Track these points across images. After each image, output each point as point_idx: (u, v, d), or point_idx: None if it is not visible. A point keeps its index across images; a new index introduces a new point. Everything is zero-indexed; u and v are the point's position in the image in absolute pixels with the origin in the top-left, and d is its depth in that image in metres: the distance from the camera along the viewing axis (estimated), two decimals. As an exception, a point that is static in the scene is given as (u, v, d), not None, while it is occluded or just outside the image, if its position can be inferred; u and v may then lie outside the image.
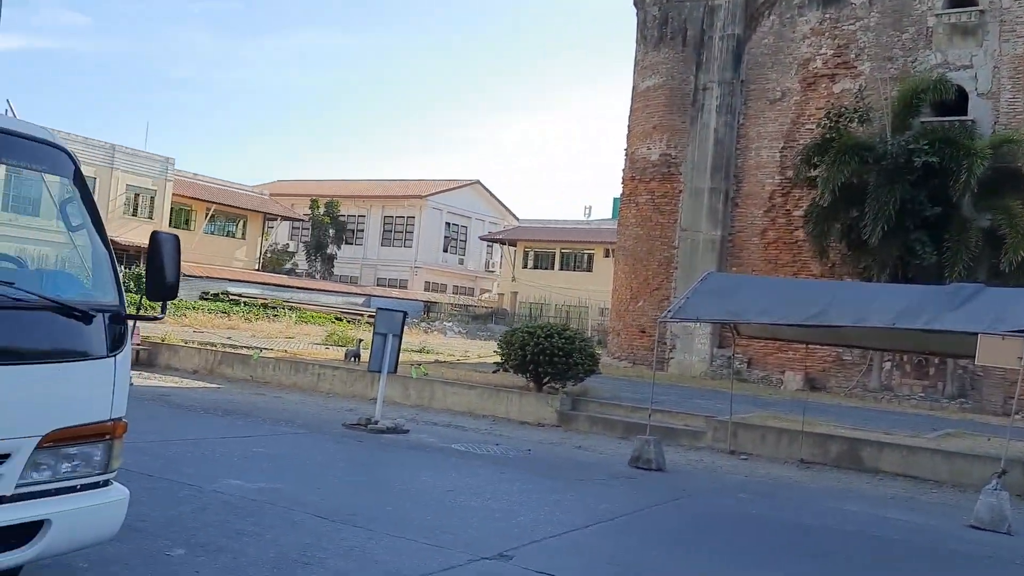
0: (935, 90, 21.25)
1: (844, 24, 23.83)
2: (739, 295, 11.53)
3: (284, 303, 41.90)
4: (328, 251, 54.60)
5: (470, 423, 14.07)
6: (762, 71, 25.10)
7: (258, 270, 48.73)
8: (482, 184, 62.46)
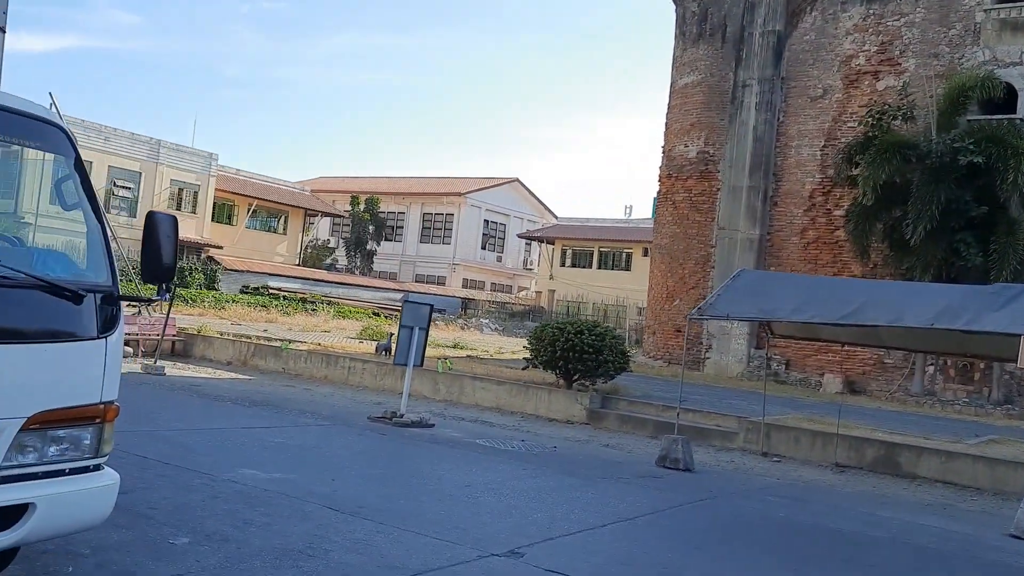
0: (983, 87, 20.61)
1: (888, 20, 23.24)
2: (772, 293, 11.23)
3: (323, 298, 42.18)
4: (368, 247, 54.83)
5: (498, 419, 13.95)
6: (803, 68, 24.60)
7: (298, 265, 49.10)
8: (521, 182, 62.31)
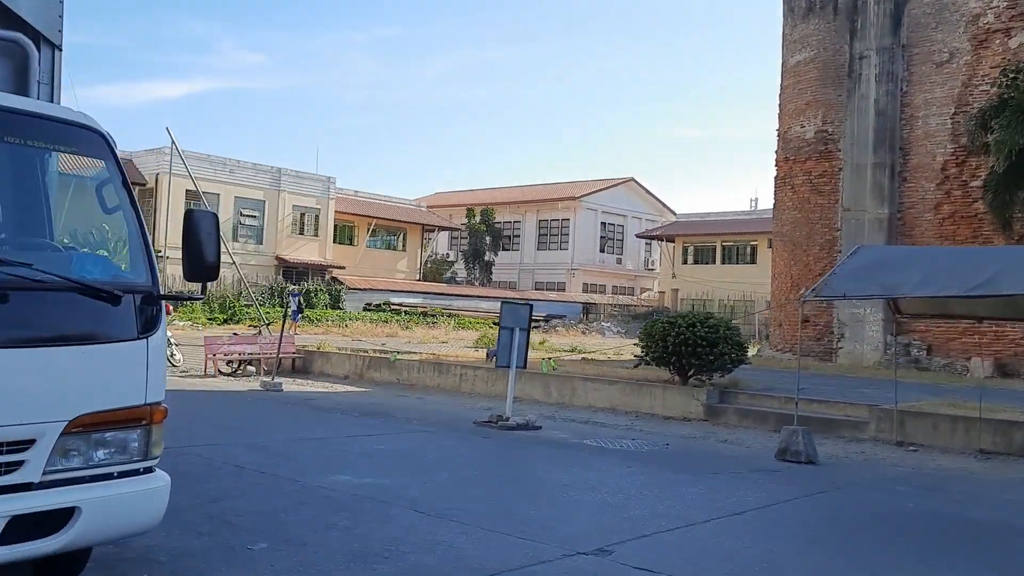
0: None
1: (1018, -30, 21.47)
2: (894, 267, 10.40)
3: (443, 310, 42.81)
4: (486, 258, 55.32)
5: (610, 419, 13.56)
6: (925, 32, 23.03)
7: (419, 280, 50.05)
8: (636, 181, 61.42)
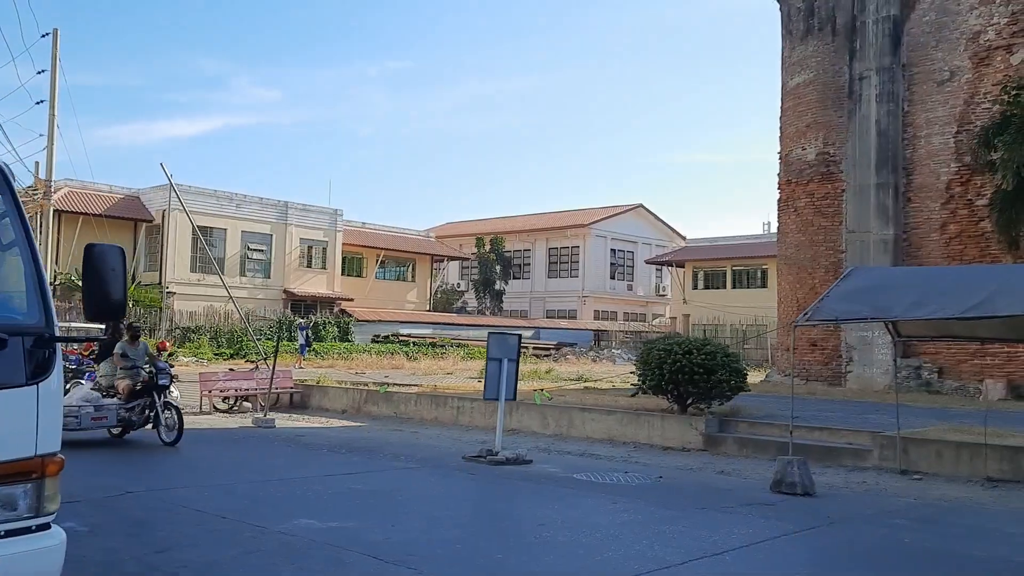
0: None
1: (1017, -14, 21.21)
2: (887, 289, 10.05)
3: (452, 340, 42.51)
4: (496, 287, 55.12)
5: (607, 451, 13.19)
6: (925, 51, 22.76)
7: (429, 310, 49.85)
8: (645, 207, 61.20)
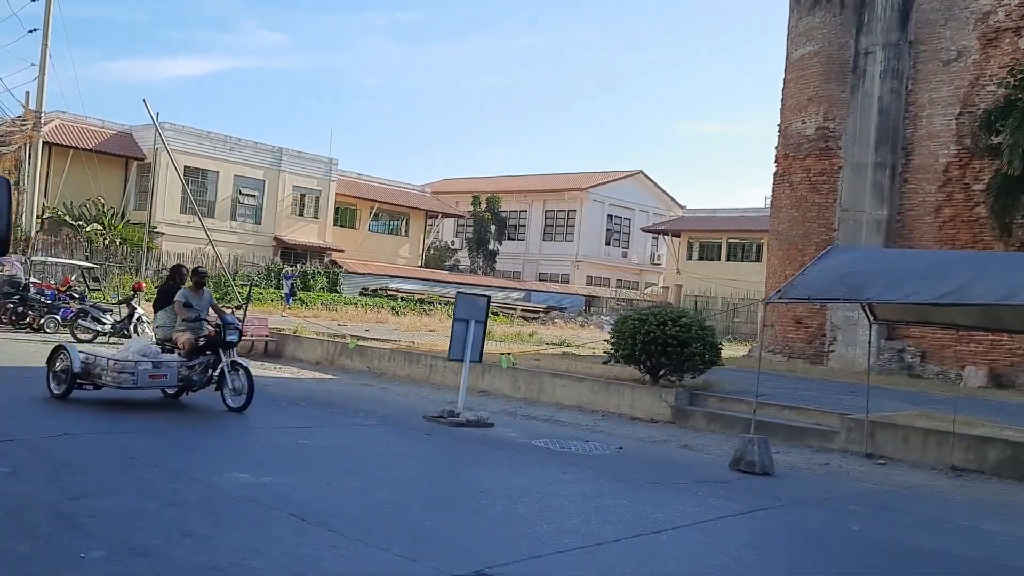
0: None
1: (1031, -34, 20.63)
2: (863, 270, 9.79)
3: (440, 298, 42.29)
4: (490, 247, 54.78)
5: (574, 418, 13.02)
6: (933, 29, 22.22)
7: (421, 266, 49.56)
8: (645, 174, 60.63)
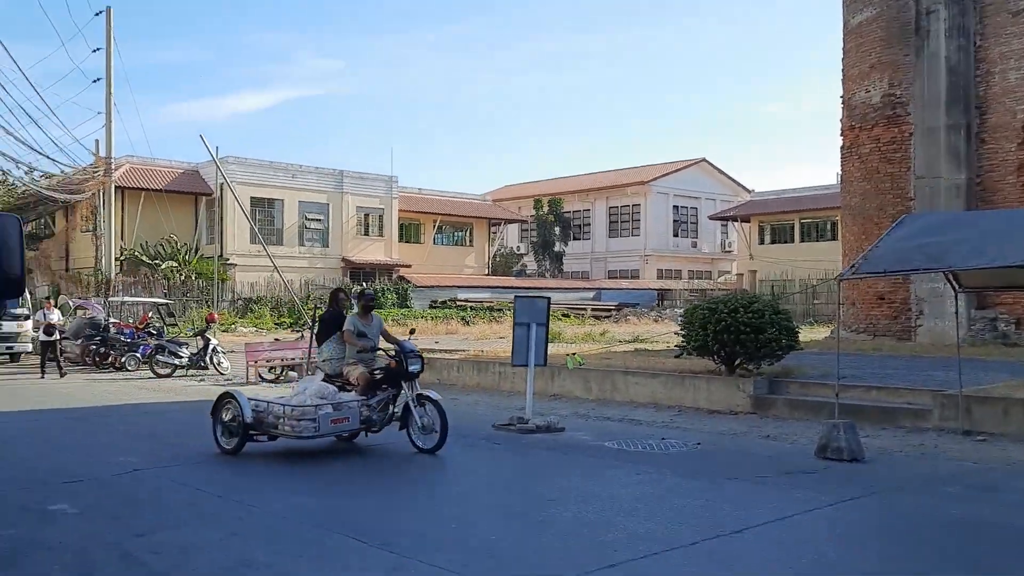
0: None
1: (1101, -100, 19.42)
2: (941, 237, 9.19)
3: (509, 304, 42.13)
4: (556, 248, 54.49)
5: (649, 416, 12.64)
6: (998, -21, 21.13)
7: (487, 274, 49.59)
8: (708, 161, 59.53)
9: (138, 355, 20.58)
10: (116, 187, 34.24)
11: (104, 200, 33.51)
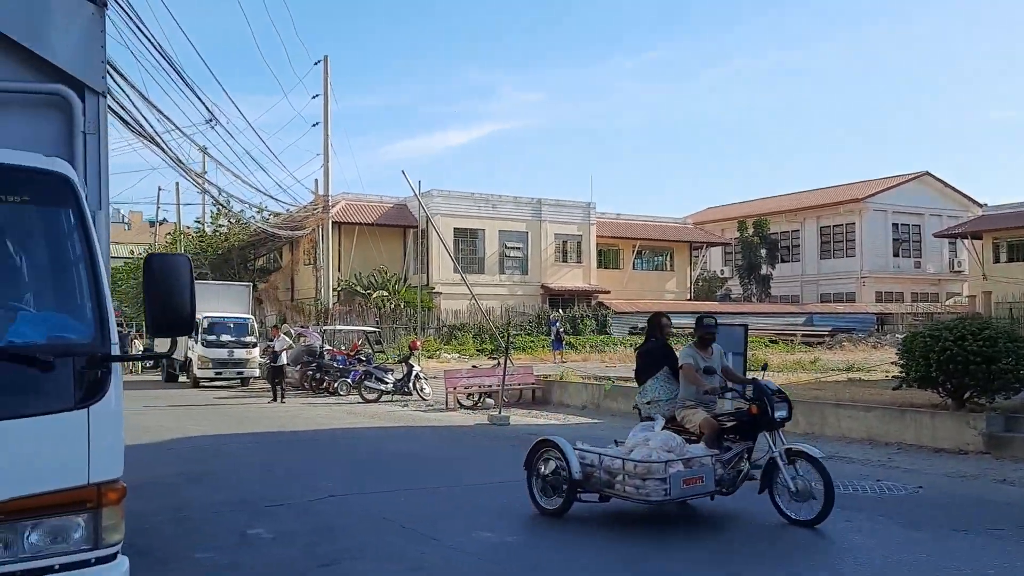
0: None
1: None
2: None
3: (712, 330, 40.75)
4: (762, 272, 52.26)
5: (863, 453, 11.59)
6: None
7: (689, 299, 48.36)
8: (932, 175, 55.00)
9: (349, 381, 21.65)
10: (333, 222, 36.61)
11: (322, 235, 35.94)
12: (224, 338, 25.13)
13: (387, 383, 20.43)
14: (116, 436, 3.43)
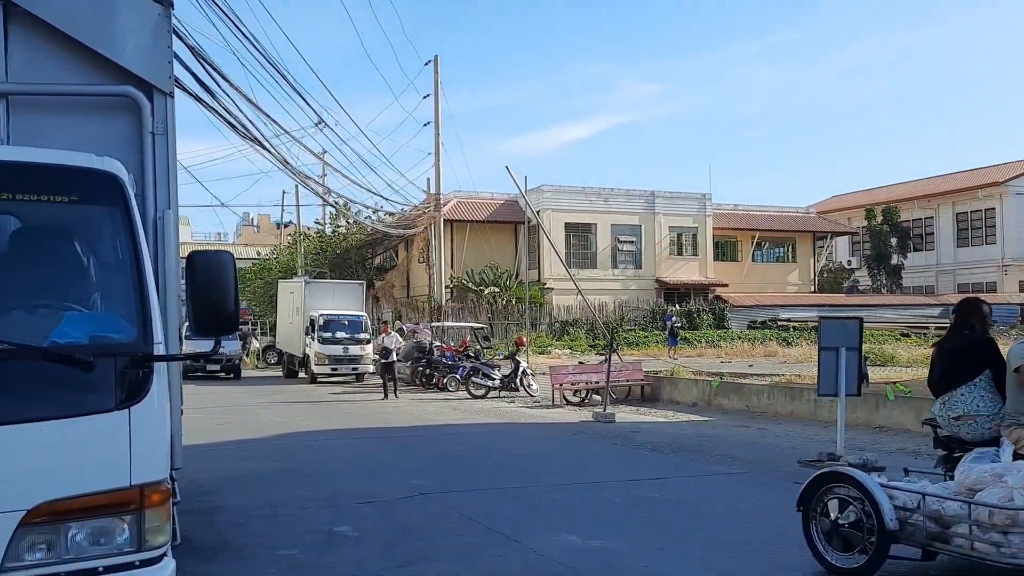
0: None
1: None
2: None
3: (838, 324, 38.97)
4: (892, 262, 49.67)
5: (997, 455, 10.66)
6: None
7: (813, 291, 46.48)
8: (1082, 153, 50.87)
9: (457, 376, 21.76)
10: (444, 220, 37.00)
11: (435, 232, 36.39)
12: (339, 335, 25.76)
13: (494, 379, 20.42)
14: (159, 437, 3.37)
